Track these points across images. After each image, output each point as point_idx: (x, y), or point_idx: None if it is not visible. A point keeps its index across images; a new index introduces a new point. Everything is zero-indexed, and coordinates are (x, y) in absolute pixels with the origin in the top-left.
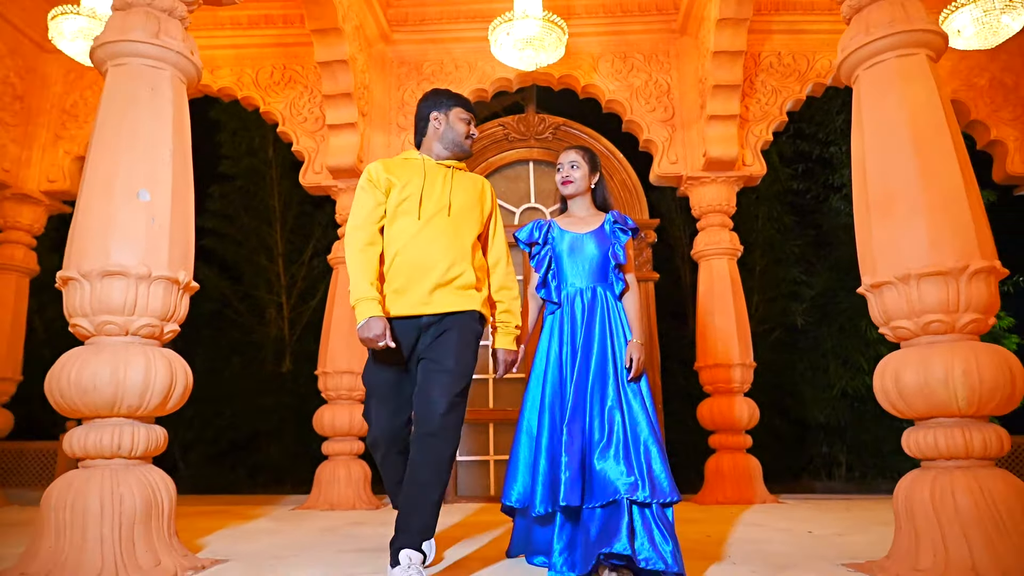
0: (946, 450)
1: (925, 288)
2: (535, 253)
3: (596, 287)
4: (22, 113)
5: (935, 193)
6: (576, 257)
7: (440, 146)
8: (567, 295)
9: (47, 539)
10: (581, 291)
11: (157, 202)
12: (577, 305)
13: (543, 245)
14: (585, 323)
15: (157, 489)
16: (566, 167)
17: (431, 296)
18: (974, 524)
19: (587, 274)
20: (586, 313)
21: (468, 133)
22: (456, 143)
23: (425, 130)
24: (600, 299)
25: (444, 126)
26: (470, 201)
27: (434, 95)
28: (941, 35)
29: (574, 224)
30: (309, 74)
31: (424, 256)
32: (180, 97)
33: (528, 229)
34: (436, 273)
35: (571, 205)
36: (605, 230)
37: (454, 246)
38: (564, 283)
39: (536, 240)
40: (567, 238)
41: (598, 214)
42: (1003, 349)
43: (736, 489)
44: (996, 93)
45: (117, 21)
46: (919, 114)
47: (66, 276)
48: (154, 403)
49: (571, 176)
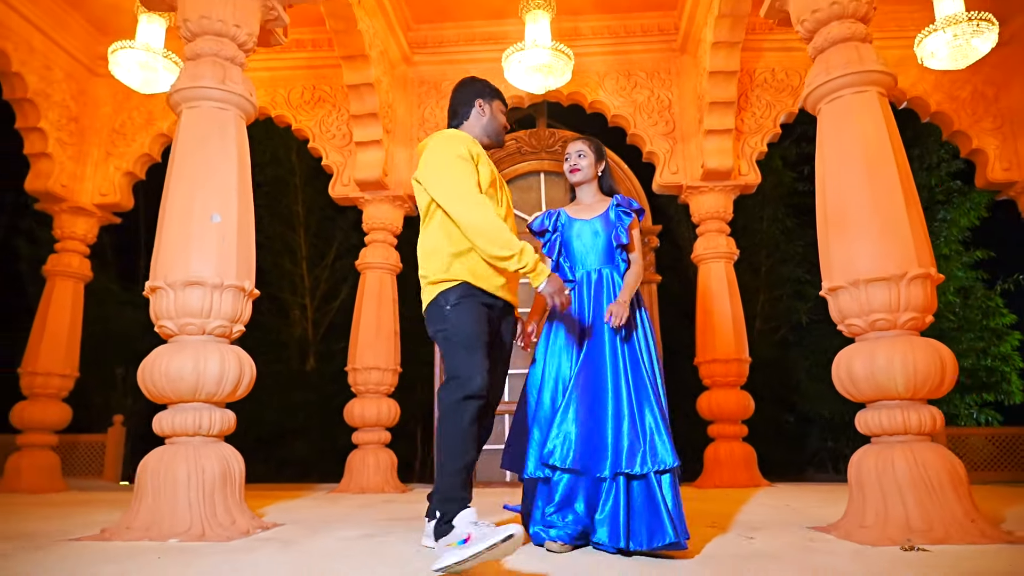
0: (889, 427)
1: (872, 291)
2: (546, 241)
3: (603, 269)
4: (76, 133)
5: (881, 212)
6: (584, 241)
7: (483, 134)
8: (580, 276)
9: (146, 501)
10: (588, 273)
11: (226, 224)
12: (585, 286)
13: (552, 232)
14: (593, 303)
15: (230, 462)
16: (573, 156)
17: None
18: (909, 487)
19: (595, 257)
20: (593, 293)
21: (505, 127)
22: (497, 133)
23: (468, 115)
24: (606, 280)
25: (488, 115)
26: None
27: (478, 83)
28: (890, 75)
29: (581, 211)
30: (337, 94)
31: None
32: (241, 133)
33: (540, 219)
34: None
35: (579, 193)
36: (610, 215)
37: None
38: (576, 265)
39: (547, 228)
40: (575, 225)
41: (604, 199)
42: (936, 342)
43: (732, 474)
44: (978, 104)
45: (190, 69)
46: (869, 144)
47: (154, 285)
48: (227, 391)
49: (579, 164)
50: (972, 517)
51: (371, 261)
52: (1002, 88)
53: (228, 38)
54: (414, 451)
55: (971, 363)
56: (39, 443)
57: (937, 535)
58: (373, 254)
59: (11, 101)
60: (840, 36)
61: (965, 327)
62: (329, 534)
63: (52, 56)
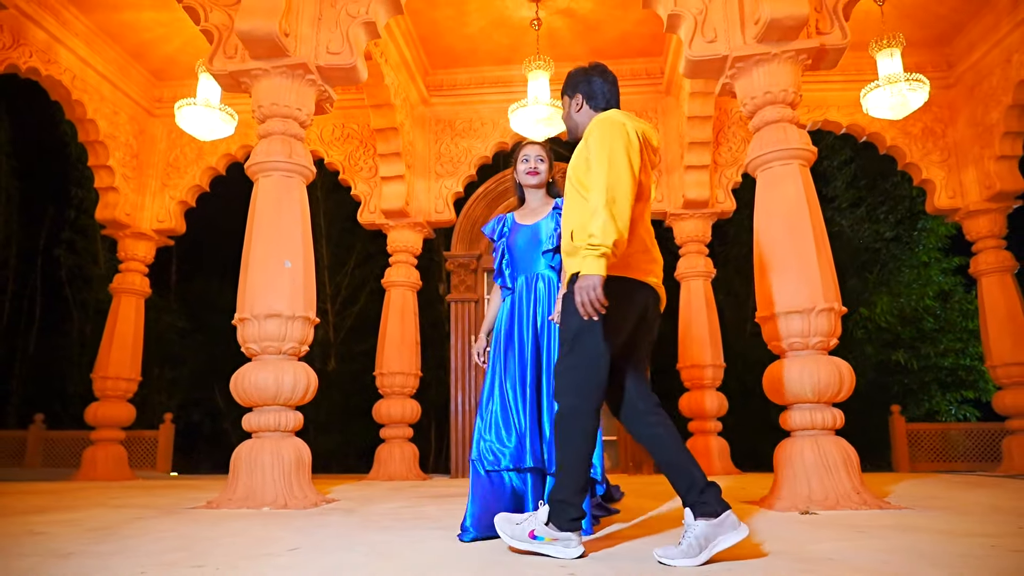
0: (801, 424)
1: (791, 320)
2: (496, 246)
3: (541, 273)
4: (137, 168)
5: (797, 259)
6: (526, 246)
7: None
8: (519, 282)
9: (242, 480)
10: (528, 278)
11: (295, 268)
12: (524, 290)
13: (500, 238)
14: (531, 308)
15: (301, 451)
16: (533, 159)
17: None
18: (813, 469)
19: (534, 261)
20: (534, 298)
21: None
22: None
23: (617, 96)
24: (544, 284)
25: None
26: None
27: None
28: (811, 151)
29: (526, 216)
30: (363, 131)
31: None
32: (303, 195)
33: (491, 225)
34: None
35: (529, 197)
36: (551, 218)
37: None
38: (516, 271)
39: (495, 235)
40: (520, 229)
41: (549, 202)
42: (838, 360)
43: (707, 464)
44: (927, 140)
45: (263, 146)
46: (791, 206)
47: (241, 317)
48: (297, 397)
49: (539, 168)
50: (858, 491)
51: (395, 279)
52: (949, 125)
53: (292, 119)
54: (429, 445)
55: (951, 362)
56: (110, 438)
57: (830, 504)
58: (397, 273)
59: (85, 143)
60: (772, 118)
61: (945, 328)
62: (378, 505)
63: (118, 102)
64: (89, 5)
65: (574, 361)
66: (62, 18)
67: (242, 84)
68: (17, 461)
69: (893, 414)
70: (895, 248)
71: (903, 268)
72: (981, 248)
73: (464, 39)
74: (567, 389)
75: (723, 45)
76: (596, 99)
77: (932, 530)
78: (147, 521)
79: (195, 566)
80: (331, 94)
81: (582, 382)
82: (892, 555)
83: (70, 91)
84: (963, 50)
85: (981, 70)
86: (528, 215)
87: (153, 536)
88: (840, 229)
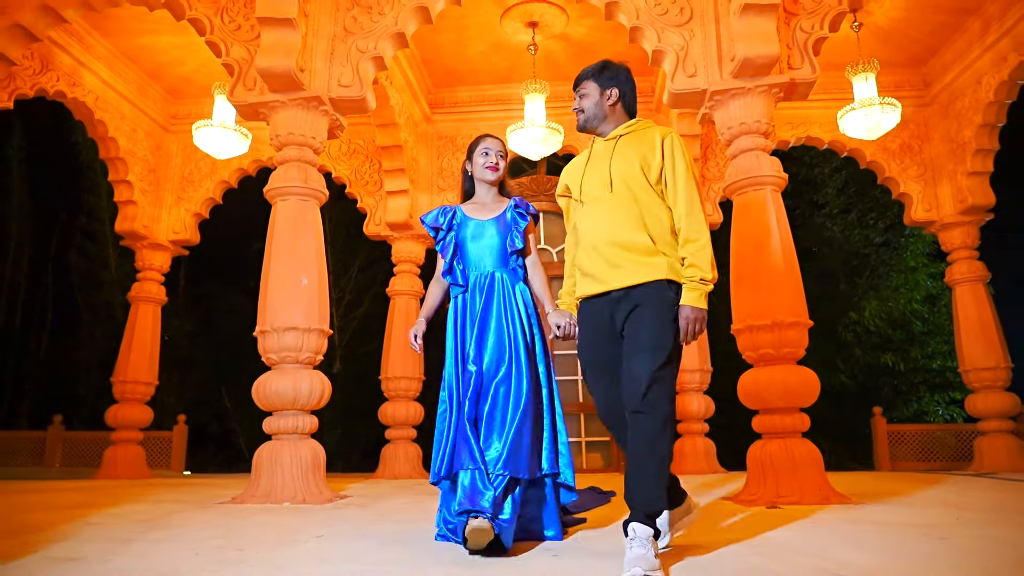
0: (771, 427)
1: (759, 333)
2: (440, 239)
3: (495, 272)
4: (154, 182)
5: (765, 276)
6: (479, 243)
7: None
8: (471, 279)
9: (264, 477)
10: (480, 276)
11: (310, 285)
12: (478, 289)
13: (447, 231)
14: (483, 306)
15: (317, 451)
16: (494, 154)
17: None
18: (781, 467)
19: (490, 259)
20: (485, 296)
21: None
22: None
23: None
24: (499, 283)
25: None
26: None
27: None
28: (782, 177)
29: (478, 211)
30: (369, 147)
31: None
32: (317, 216)
33: (434, 214)
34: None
35: (480, 191)
36: (507, 216)
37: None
38: (468, 267)
39: (440, 226)
40: (471, 224)
41: (503, 200)
42: (804, 369)
43: (695, 463)
44: (905, 155)
45: (281, 172)
46: (762, 228)
47: (262, 329)
48: (313, 403)
49: (499, 164)
50: (821, 487)
51: (399, 289)
52: (925, 142)
53: (307, 146)
54: (430, 446)
55: (939, 364)
56: (129, 439)
57: (795, 499)
58: (401, 283)
59: (106, 159)
60: (747, 147)
61: (933, 331)
62: (388, 500)
63: (136, 120)
64: (111, 30)
65: (672, 371)
66: (86, 43)
67: (260, 114)
68: (37, 460)
69: (875, 415)
70: (884, 253)
71: (892, 273)
72: (955, 259)
73: (465, 61)
74: (665, 397)
75: (702, 80)
76: (627, 99)
77: (877, 521)
78: (184, 514)
79: (238, 549)
80: (342, 122)
81: (673, 391)
82: (833, 541)
83: (93, 111)
84: (938, 71)
85: (955, 91)
86: (480, 210)
87: (194, 526)
88: (832, 235)
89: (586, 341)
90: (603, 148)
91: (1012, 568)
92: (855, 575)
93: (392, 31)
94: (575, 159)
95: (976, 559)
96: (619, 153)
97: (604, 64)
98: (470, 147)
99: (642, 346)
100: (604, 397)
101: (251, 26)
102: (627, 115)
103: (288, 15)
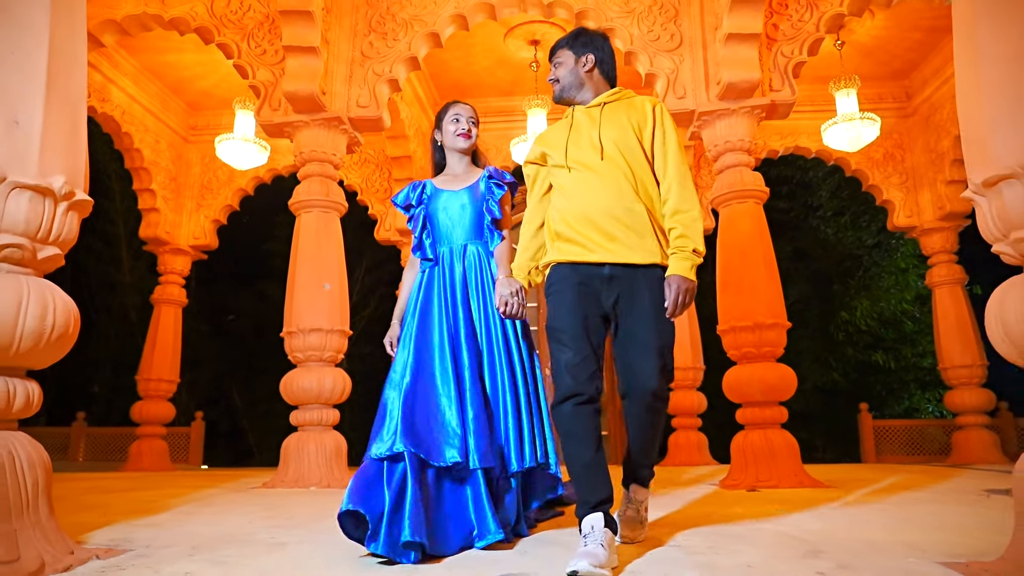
0: (752, 419)
1: (742, 333)
2: (411, 215)
3: (468, 244)
4: (175, 189)
5: (747, 282)
6: (450, 214)
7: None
8: (442, 253)
9: (291, 465)
10: (452, 249)
11: (332, 289)
12: (448, 262)
13: (417, 206)
14: (461, 281)
15: (339, 442)
16: (465, 120)
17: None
18: (761, 455)
19: (461, 232)
20: (458, 270)
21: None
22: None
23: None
24: (472, 256)
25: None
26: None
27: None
28: (763, 191)
29: (448, 182)
30: (379, 156)
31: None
32: (338, 226)
33: (404, 192)
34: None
35: (452, 161)
36: (480, 187)
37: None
38: (439, 241)
39: (411, 202)
40: (442, 196)
41: (475, 170)
42: (783, 366)
43: (688, 456)
44: (888, 164)
45: (304, 186)
46: (746, 238)
47: (289, 330)
48: (335, 397)
49: (472, 132)
50: (796, 472)
51: None
52: (907, 151)
53: (328, 162)
54: None
55: (929, 363)
56: (153, 433)
57: (773, 483)
58: None
59: (131, 169)
60: (731, 163)
61: (924, 331)
62: None
63: (159, 132)
64: (137, 48)
65: (672, 356)
66: (114, 60)
67: (285, 132)
68: (61, 455)
69: (861, 411)
70: (876, 255)
71: (883, 274)
72: (935, 262)
73: (470, 75)
74: (668, 371)
75: (691, 101)
76: (605, 66)
77: (840, 500)
78: (225, 496)
79: (287, 518)
80: (359, 139)
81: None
82: (800, 516)
83: (120, 125)
84: (919, 84)
85: (934, 103)
86: (451, 181)
87: (240, 505)
88: (825, 237)
89: (566, 303)
90: (587, 115)
91: (935, 527)
92: (811, 538)
93: (406, 55)
94: (552, 126)
95: (912, 524)
96: (608, 120)
97: (579, 31)
98: (438, 115)
99: (650, 346)
100: (572, 361)
101: (276, 51)
102: (607, 83)
103: (312, 43)
